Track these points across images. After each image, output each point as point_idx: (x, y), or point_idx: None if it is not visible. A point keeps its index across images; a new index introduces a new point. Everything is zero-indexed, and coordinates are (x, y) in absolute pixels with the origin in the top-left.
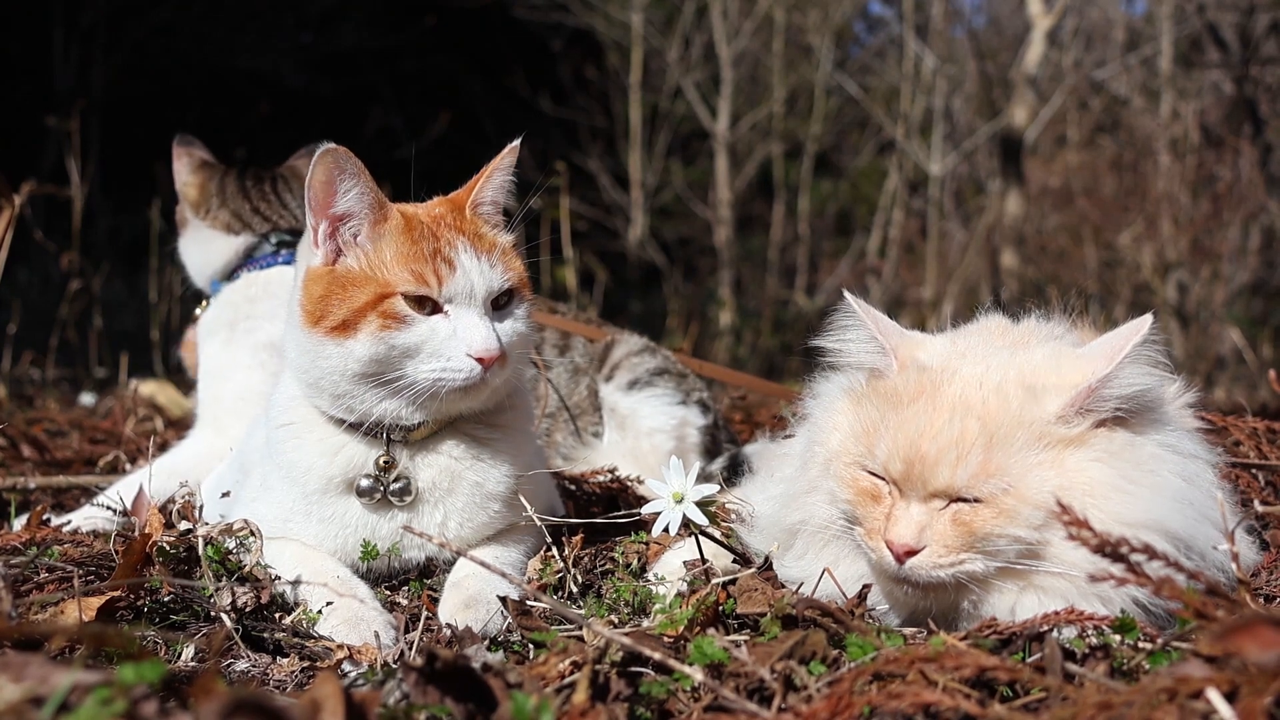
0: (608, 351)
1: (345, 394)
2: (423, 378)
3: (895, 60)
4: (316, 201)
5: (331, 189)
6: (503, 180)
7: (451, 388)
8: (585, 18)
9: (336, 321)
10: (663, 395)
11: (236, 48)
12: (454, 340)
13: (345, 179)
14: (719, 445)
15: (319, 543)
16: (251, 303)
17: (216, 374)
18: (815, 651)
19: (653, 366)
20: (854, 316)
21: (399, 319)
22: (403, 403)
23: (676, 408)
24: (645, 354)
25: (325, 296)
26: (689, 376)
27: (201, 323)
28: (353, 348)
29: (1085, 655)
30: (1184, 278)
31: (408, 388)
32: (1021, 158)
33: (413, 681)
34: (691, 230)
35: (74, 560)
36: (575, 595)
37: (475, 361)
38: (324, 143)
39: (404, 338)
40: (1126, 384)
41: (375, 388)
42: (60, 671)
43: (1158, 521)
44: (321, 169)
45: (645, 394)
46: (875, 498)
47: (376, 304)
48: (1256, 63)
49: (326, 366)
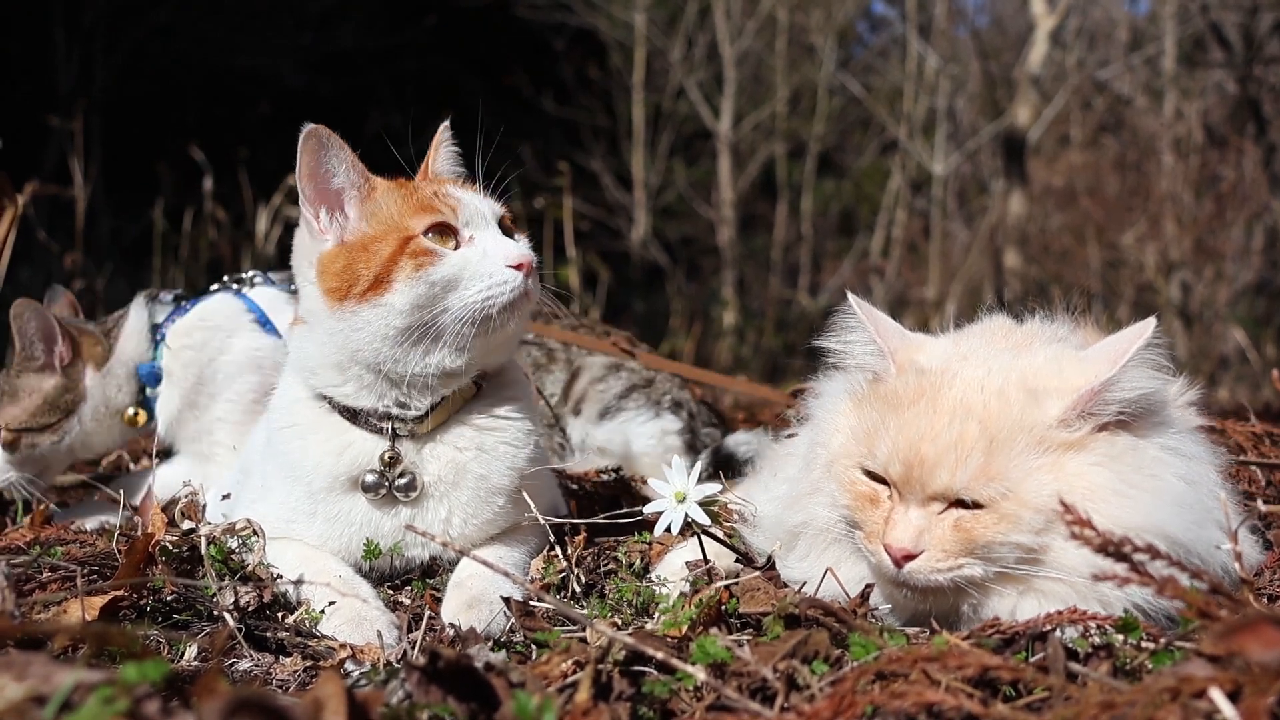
0: (571, 383)
1: (386, 359)
2: (470, 303)
3: (898, 60)
4: (309, 190)
5: (324, 168)
6: (448, 152)
7: (502, 304)
8: (588, 17)
9: (369, 282)
10: (634, 414)
11: (236, 48)
12: (489, 258)
13: (331, 154)
14: (698, 436)
15: (323, 542)
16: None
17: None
18: (818, 651)
19: (619, 389)
20: (856, 318)
21: (430, 254)
22: (448, 348)
23: (651, 423)
24: (609, 376)
25: (348, 265)
26: (654, 381)
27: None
28: (392, 301)
29: (1088, 655)
30: (1187, 278)
31: (454, 324)
32: (1025, 157)
33: (415, 681)
34: (694, 230)
35: (77, 559)
36: (578, 595)
37: (516, 271)
38: (306, 125)
39: (440, 270)
40: (1129, 388)
41: (418, 341)
42: (63, 670)
43: (1158, 526)
44: (308, 153)
45: (619, 420)
46: (874, 502)
47: (403, 249)
48: (1260, 62)
49: (364, 337)
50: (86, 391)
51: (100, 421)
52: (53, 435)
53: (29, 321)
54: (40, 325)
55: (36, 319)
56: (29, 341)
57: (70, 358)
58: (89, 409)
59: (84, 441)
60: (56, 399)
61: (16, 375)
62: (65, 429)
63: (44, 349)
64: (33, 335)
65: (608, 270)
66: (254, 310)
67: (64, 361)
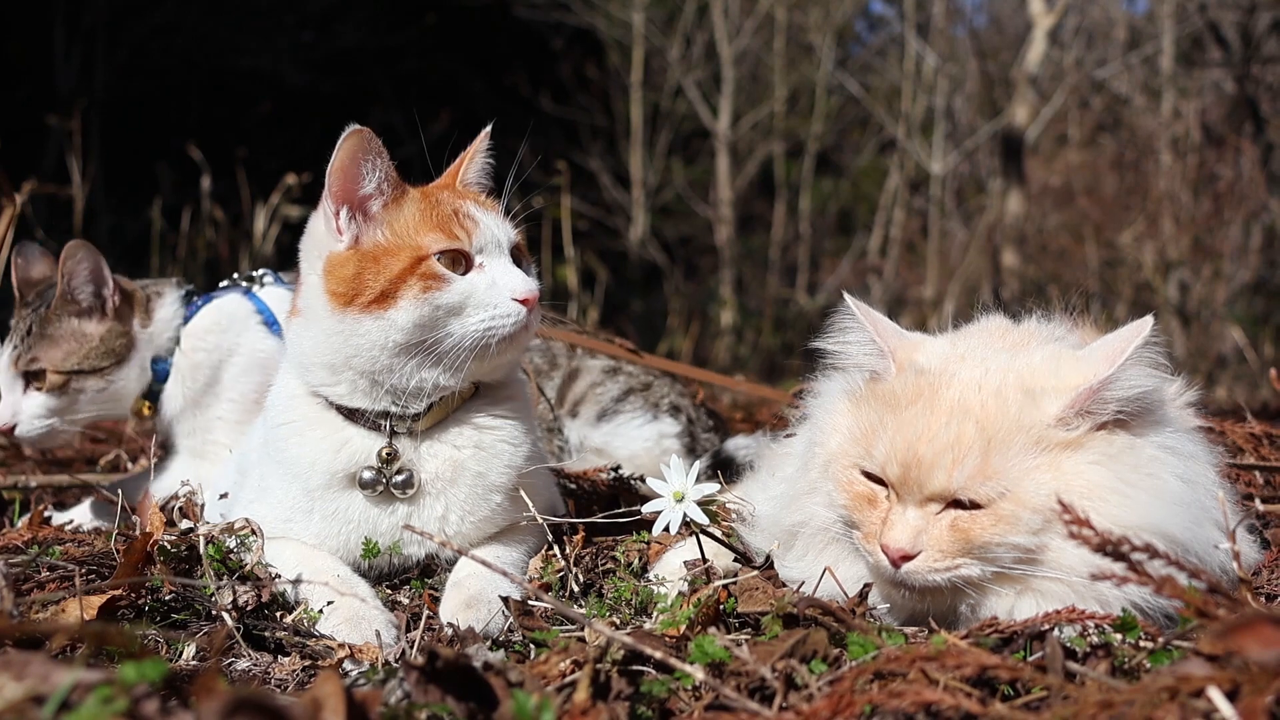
0: (568, 385)
1: (381, 369)
2: (471, 331)
3: (896, 59)
4: (342, 185)
5: (359, 170)
6: (482, 162)
7: (502, 336)
8: (586, 17)
9: (374, 294)
10: (632, 418)
11: (237, 47)
12: (495, 289)
13: (370, 158)
14: (697, 440)
15: (321, 540)
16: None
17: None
18: (816, 650)
19: (617, 392)
20: (853, 319)
21: (439, 279)
22: (443, 368)
23: (648, 426)
24: (608, 380)
25: (358, 274)
26: (654, 383)
27: None
28: (395, 317)
29: (1086, 654)
30: (1185, 277)
31: (453, 349)
32: (1023, 157)
33: (414, 680)
34: (693, 229)
35: (75, 559)
36: (577, 594)
37: (520, 305)
38: (351, 125)
39: (446, 297)
40: (1128, 386)
41: (416, 356)
42: (62, 670)
43: (1155, 525)
44: (347, 151)
45: (615, 423)
46: (871, 502)
47: (414, 269)
48: (1258, 61)
49: (362, 344)
50: (136, 341)
51: (133, 381)
52: (101, 380)
53: (81, 262)
54: (93, 267)
55: (90, 260)
56: (78, 284)
57: (120, 304)
58: (136, 361)
59: (119, 396)
60: (111, 343)
61: (56, 318)
62: (113, 377)
63: (92, 292)
64: (84, 277)
65: (606, 270)
66: (263, 311)
67: (115, 306)
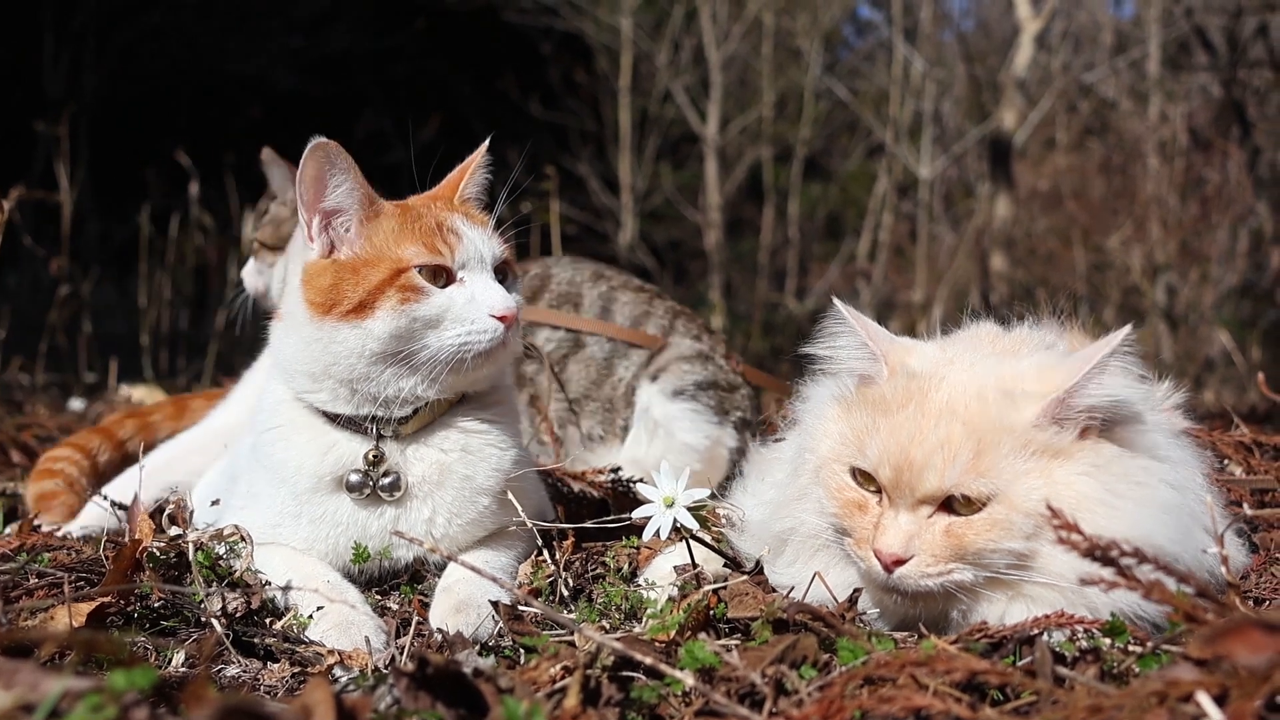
0: (659, 350)
1: (359, 377)
2: (447, 345)
3: (884, 64)
4: (308, 197)
5: (322, 184)
6: (482, 177)
7: (477, 351)
8: (575, 21)
9: (352, 304)
10: (700, 412)
11: (227, 51)
12: (474, 304)
13: (335, 174)
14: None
15: (309, 545)
16: None
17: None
18: (806, 656)
19: (700, 378)
20: (844, 323)
21: (418, 291)
22: (420, 378)
23: (712, 426)
24: (696, 362)
25: (335, 284)
26: (737, 391)
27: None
28: (371, 327)
29: (1075, 659)
30: (1173, 280)
31: (429, 361)
32: (1010, 161)
33: (404, 687)
34: (682, 234)
35: (64, 566)
36: (566, 600)
37: (498, 321)
38: (315, 137)
39: (424, 309)
40: (1097, 394)
41: (394, 365)
42: (51, 678)
43: (1144, 536)
44: (311, 164)
45: (684, 406)
46: (862, 508)
47: (393, 280)
48: (1244, 66)
49: (340, 351)
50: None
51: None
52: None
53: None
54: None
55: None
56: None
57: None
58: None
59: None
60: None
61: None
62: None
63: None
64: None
65: None
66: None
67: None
